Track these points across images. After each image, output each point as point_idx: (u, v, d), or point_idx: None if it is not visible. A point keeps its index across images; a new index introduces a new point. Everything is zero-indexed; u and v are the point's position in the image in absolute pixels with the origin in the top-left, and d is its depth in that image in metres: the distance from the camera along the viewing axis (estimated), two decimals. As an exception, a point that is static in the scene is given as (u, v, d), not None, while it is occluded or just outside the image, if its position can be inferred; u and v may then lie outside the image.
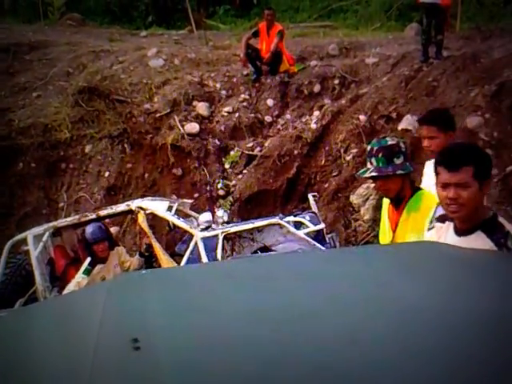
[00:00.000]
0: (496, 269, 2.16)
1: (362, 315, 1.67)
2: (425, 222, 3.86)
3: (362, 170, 4.31)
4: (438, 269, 2.15)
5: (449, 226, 3.30)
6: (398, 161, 4.00)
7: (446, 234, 3.29)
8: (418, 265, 2.23)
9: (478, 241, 3.03)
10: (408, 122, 9.96)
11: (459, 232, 3.19)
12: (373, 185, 9.26)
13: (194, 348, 1.52)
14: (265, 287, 1.96)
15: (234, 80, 12.91)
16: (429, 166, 4.81)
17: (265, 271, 2.24)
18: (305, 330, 1.59)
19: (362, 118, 10.56)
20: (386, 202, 4.38)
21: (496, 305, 1.72)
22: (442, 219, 3.45)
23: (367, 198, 9.38)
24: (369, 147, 4.20)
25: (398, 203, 4.17)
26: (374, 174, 4.15)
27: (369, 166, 4.15)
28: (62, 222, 8.40)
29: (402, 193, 4.13)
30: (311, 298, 1.84)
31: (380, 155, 4.04)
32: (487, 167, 3.18)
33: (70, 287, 7.16)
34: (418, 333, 1.56)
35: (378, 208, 9.04)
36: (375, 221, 9.08)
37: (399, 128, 9.93)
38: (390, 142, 4.10)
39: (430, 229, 3.58)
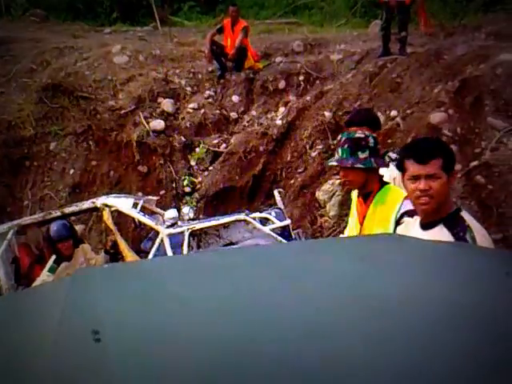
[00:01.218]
0: (453, 260, 2.19)
1: (324, 306, 1.68)
2: (391, 216, 3.91)
3: (330, 160, 4.40)
4: (399, 260, 2.17)
5: (416, 221, 3.35)
6: (361, 155, 4.02)
7: (412, 228, 3.34)
8: (380, 256, 2.25)
9: (440, 234, 3.09)
10: (373, 118, 10.02)
11: (424, 226, 3.24)
12: (338, 181, 9.33)
13: (154, 340, 1.52)
14: (226, 279, 1.97)
15: (199, 76, 12.89)
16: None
17: (227, 264, 2.25)
18: (267, 321, 1.59)
19: (327, 114, 10.60)
20: (354, 195, 4.41)
21: (453, 294, 1.75)
22: (410, 214, 3.51)
23: (333, 194, 9.42)
24: (339, 137, 4.24)
25: (366, 197, 4.21)
26: (333, 163, 4.24)
27: (336, 155, 4.20)
28: (26, 220, 8.31)
29: (369, 187, 4.16)
30: (274, 290, 1.85)
31: (345, 146, 4.07)
32: (453, 160, 3.25)
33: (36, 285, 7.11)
34: (380, 323, 1.58)
35: (343, 204, 9.11)
36: (341, 217, 9.13)
37: (364, 124, 9.96)
38: (357, 135, 4.12)
39: (399, 224, 3.63)
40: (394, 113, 9.97)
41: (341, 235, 4.86)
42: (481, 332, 1.52)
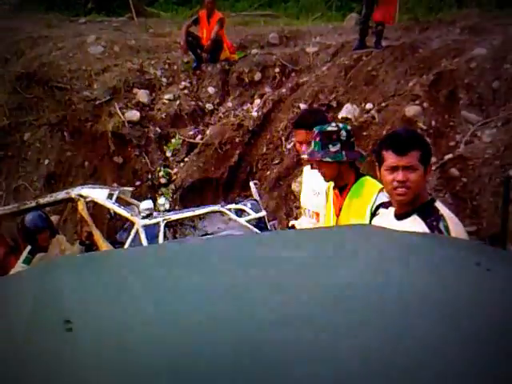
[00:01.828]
0: (425, 250, 2.22)
1: (295, 295, 1.70)
2: (367, 208, 3.95)
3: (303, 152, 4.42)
4: (371, 249, 2.20)
5: (391, 212, 3.39)
6: (332, 148, 4.04)
7: (387, 219, 3.37)
8: (353, 246, 2.28)
9: (414, 224, 3.13)
10: (348, 111, 10.07)
11: (398, 216, 3.27)
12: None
13: (127, 329, 1.53)
14: (199, 268, 1.99)
15: (175, 67, 12.86)
16: (308, 174, 4.91)
17: (199, 253, 2.27)
18: (237, 311, 1.61)
19: (303, 106, 10.62)
20: (331, 188, 4.43)
21: (421, 280, 1.79)
22: (386, 206, 3.54)
23: (308, 186, 9.45)
24: (313, 130, 4.26)
25: (342, 189, 4.23)
26: (305, 156, 4.27)
27: (309, 148, 4.22)
28: (0, 211, 8.26)
29: (344, 179, 4.19)
30: (245, 278, 1.87)
31: (318, 139, 4.09)
32: (430, 153, 3.29)
33: (11, 276, 7.06)
34: (351, 310, 1.60)
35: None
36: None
37: (339, 116, 10.02)
38: (328, 128, 4.14)
39: (375, 215, 3.66)
40: (369, 106, 10.02)
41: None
42: (450, 320, 1.55)
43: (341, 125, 4.28)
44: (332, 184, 4.37)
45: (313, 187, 4.72)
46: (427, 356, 1.37)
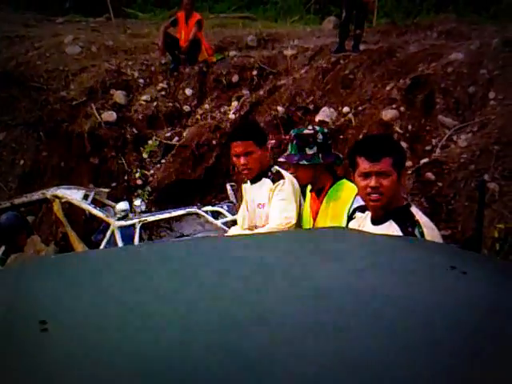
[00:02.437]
0: (400, 252, 2.24)
1: (271, 297, 1.71)
2: (344, 211, 3.95)
3: (281, 155, 4.42)
4: (347, 252, 2.21)
5: (367, 216, 3.40)
6: (309, 151, 4.06)
7: (364, 223, 3.38)
8: (328, 248, 2.29)
9: (390, 230, 3.13)
10: (325, 114, 10.10)
11: (374, 222, 3.28)
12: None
13: (102, 330, 1.53)
14: (174, 270, 1.99)
15: (152, 69, 12.81)
16: (249, 190, 4.74)
17: (175, 254, 2.26)
18: (216, 312, 1.61)
19: (280, 109, 10.64)
20: (307, 190, 4.44)
21: (396, 283, 1.79)
22: (362, 209, 3.55)
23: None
24: (290, 132, 4.26)
25: (319, 192, 4.24)
26: (282, 159, 4.28)
27: (287, 151, 4.23)
28: (-26, 211, 8.19)
29: (321, 182, 4.20)
30: (220, 281, 1.87)
31: (294, 142, 4.10)
32: (403, 158, 3.30)
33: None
34: (327, 311, 1.61)
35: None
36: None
37: (316, 119, 10.04)
38: (305, 131, 4.16)
39: (352, 218, 3.67)
40: (346, 109, 10.05)
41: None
42: (425, 322, 1.55)
43: (317, 127, 4.30)
44: (309, 187, 4.38)
45: (257, 201, 4.63)
46: (401, 357, 1.38)
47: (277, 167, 4.60)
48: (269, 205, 4.42)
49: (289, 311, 1.61)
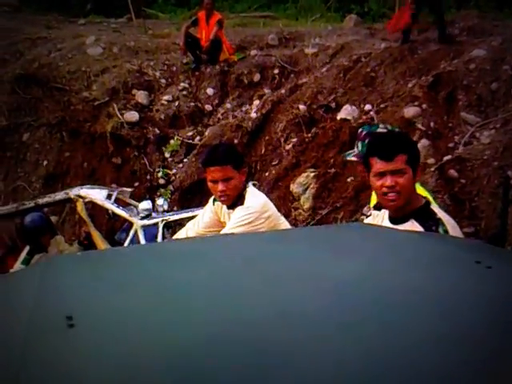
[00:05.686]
0: (423, 248, 2.22)
1: (292, 293, 1.71)
2: None
3: (348, 153, 4.34)
4: (366, 247, 2.20)
5: (384, 214, 3.37)
6: None
7: (381, 221, 3.36)
8: (347, 244, 2.28)
9: (413, 229, 3.09)
10: (347, 112, 10.07)
11: (394, 221, 3.24)
12: (312, 174, 9.37)
13: (128, 326, 1.53)
14: (199, 266, 1.98)
15: (174, 69, 12.85)
16: (226, 214, 4.48)
17: (199, 251, 2.27)
18: (236, 308, 1.62)
19: (302, 107, 10.63)
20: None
21: (422, 281, 1.78)
22: (378, 207, 3.53)
23: (307, 187, 9.46)
24: (359, 130, 4.22)
25: None
26: (353, 158, 4.20)
27: (355, 149, 4.18)
28: (-1, 211, 8.26)
29: None
30: (246, 277, 1.87)
31: (366, 141, 4.05)
32: (417, 154, 3.27)
33: (9, 277, 7.03)
34: (348, 307, 1.60)
35: (317, 197, 9.16)
36: (315, 209, 9.18)
37: (338, 118, 10.03)
38: (378, 130, 4.12)
39: (367, 216, 3.65)
40: (368, 107, 10.01)
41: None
42: (448, 319, 1.54)
43: (389, 126, 4.25)
44: None
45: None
46: (425, 354, 1.37)
47: (251, 185, 4.39)
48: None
49: (312, 310, 1.60)
